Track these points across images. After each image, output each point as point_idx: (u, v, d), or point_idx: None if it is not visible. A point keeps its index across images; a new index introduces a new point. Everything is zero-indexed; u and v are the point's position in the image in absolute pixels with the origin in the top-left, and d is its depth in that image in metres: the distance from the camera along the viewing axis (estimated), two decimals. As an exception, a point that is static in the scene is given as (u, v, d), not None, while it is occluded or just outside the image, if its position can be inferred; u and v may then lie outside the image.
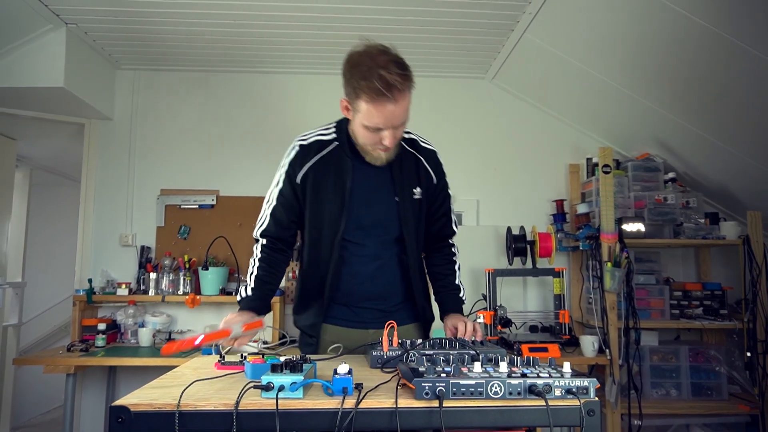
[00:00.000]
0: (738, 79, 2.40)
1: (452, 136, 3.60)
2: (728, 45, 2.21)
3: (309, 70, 3.55)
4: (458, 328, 1.59)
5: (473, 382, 1.01)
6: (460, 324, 1.59)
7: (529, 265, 3.23)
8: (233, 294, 3.23)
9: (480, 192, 3.59)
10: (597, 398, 1.04)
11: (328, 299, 1.64)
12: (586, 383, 1.03)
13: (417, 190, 1.68)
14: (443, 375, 1.04)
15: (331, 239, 1.61)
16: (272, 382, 1.02)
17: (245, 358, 1.30)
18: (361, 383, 1.07)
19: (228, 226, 3.43)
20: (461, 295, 1.75)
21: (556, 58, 2.98)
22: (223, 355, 1.42)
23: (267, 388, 1.02)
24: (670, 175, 3.28)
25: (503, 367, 1.09)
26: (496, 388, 1.01)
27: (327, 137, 1.64)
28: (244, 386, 1.04)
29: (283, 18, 2.86)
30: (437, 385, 1.00)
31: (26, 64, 2.93)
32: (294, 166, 1.62)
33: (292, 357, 1.17)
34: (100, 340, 3.07)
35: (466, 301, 1.77)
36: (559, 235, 3.29)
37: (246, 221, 3.43)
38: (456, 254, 1.81)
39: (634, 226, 3.07)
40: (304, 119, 3.56)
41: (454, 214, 1.82)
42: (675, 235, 3.15)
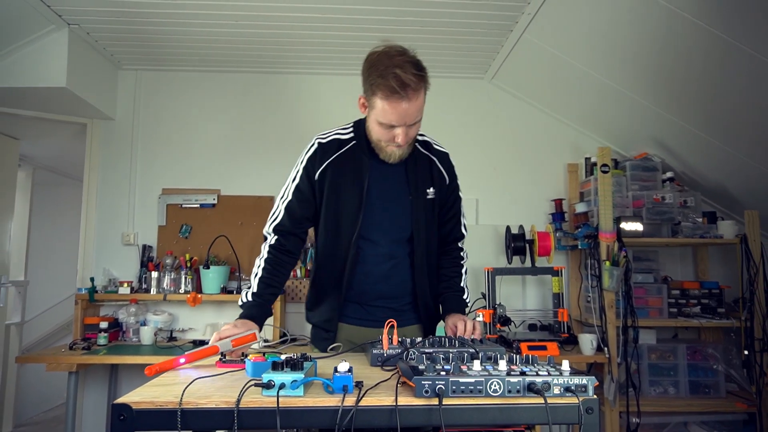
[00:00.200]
0: (735, 78, 2.40)
1: (452, 136, 3.55)
2: (725, 44, 2.22)
3: (309, 70, 3.55)
4: (458, 327, 1.59)
5: (473, 380, 1.02)
6: (460, 323, 1.60)
7: (528, 264, 3.24)
8: (234, 292, 3.24)
9: (479, 191, 3.60)
10: (595, 396, 1.04)
11: (344, 296, 1.66)
12: (584, 381, 1.03)
13: (430, 190, 1.71)
14: (443, 373, 1.04)
15: (348, 236, 1.63)
16: (273, 380, 1.03)
17: (246, 356, 1.32)
18: (362, 381, 1.07)
19: (229, 225, 3.44)
20: (465, 297, 1.76)
21: (554, 58, 2.99)
22: (224, 353, 1.43)
23: (268, 386, 1.03)
24: (668, 175, 3.29)
25: (502, 365, 1.09)
26: (496, 386, 1.02)
27: (345, 136, 1.68)
28: (245, 384, 1.04)
29: (283, 18, 2.87)
30: (437, 383, 1.01)
31: (29, 65, 2.94)
32: (313, 162, 1.65)
33: (293, 355, 1.18)
34: (102, 339, 3.09)
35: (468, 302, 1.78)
36: (557, 234, 3.30)
37: (247, 220, 3.44)
38: (464, 258, 1.82)
39: (633, 225, 3.08)
40: (305, 119, 3.58)
41: (464, 218, 1.83)
42: (673, 234, 3.16)
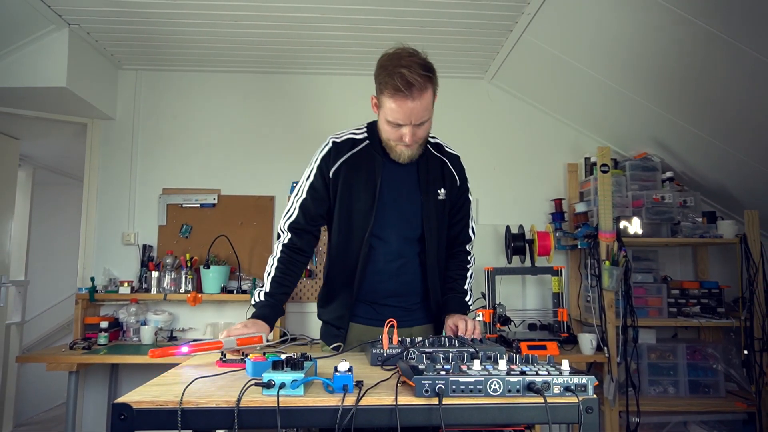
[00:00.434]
0: (735, 78, 2.41)
1: (451, 136, 3.53)
2: (724, 45, 2.22)
3: (309, 70, 3.55)
4: (458, 327, 1.60)
5: (472, 379, 1.02)
6: (460, 322, 1.61)
7: (528, 264, 3.25)
8: (234, 292, 3.25)
9: (479, 191, 3.58)
10: (595, 396, 1.04)
11: (356, 295, 1.67)
12: (584, 381, 1.04)
13: (441, 191, 1.73)
14: (443, 373, 1.04)
15: (361, 234, 1.65)
16: (273, 380, 1.03)
17: (246, 355, 1.32)
18: (362, 381, 1.08)
19: (229, 225, 3.44)
20: (467, 299, 1.77)
21: (554, 58, 3.00)
22: (225, 353, 1.43)
23: (268, 386, 1.03)
24: (668, 175, 3.29)
25: (502, 364, 1.10)
26: (495, 386, 1.02)
27: (359, 136, 1.71)
28: (246, 383, 1.04)
29: (283, 18, 2.87)
30: (437, 382, 1.01)
31: (29, 65, 2.94)
32: (327, 161, 1.67)
33: (293, 355, 1.18)
34: (103, 338, 3.09)
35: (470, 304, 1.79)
36: (557, 234, 3.31)
37: (247, 220, 3.45)
38: (471, 263, 1.82)
39: (632, 225, 3.08)
40: (305, 119, 3.58)
41: (473, 221, 1.84)
42: (672, 234, 3.16)
